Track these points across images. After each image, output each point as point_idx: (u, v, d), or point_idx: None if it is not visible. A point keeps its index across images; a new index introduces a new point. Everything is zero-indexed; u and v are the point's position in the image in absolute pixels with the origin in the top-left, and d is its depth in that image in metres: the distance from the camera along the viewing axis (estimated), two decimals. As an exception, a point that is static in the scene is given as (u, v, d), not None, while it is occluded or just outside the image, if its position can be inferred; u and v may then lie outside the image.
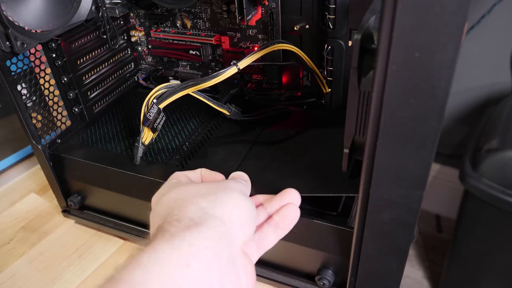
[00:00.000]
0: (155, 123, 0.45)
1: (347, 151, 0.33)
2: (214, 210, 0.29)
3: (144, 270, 0.23)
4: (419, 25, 0.21)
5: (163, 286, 0.23)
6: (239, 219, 0.30)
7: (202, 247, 0.25)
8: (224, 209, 0.29)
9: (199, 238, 0.26)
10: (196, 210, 0.29)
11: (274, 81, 0.55)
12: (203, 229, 0.27)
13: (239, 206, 0.31)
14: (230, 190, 0.32)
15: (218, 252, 0.26)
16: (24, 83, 0.47)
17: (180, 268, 0.24)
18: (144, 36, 0.61)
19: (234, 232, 0.29)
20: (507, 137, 0.76)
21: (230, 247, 0.28)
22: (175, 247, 0.25)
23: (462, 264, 0.90)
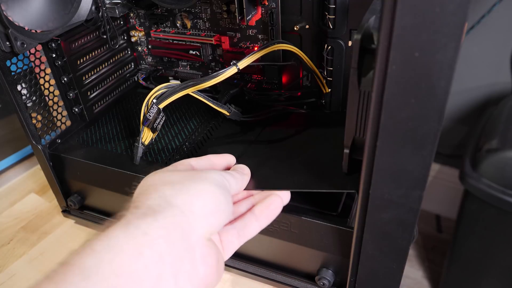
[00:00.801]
0: (155, 123, 0.45)
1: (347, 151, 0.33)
2: (176, 199, 0.29)
3: (96, 256, 0.23)
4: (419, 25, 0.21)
5: (114, 273, 0.23)
6: (203, 209, 0.29)
7: (156, 236, 0.25)
8: (187, 198, 0.29)
9: (154, 227, 0.26)
10: (157, 198, 0.29)
11: (274, 81, 0.55)
12: (159, 218, 0.27)
13: (205, 196, 0.30)
14: (202, 180, 0.31)
15: (173, 242, 0.26)
16: (24, 83, 0.47)
17: (132, 256, 0.24)
18: (144, 36, 0.61)
19: (195, 222, 0.28)
20: (507, 137, 0.76)
21: (188, 237, 0.27)
22: (129, 235, 0.25)
23: (462, 264, 0.90)
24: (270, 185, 0.39)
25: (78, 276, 0.22)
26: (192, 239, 0.28)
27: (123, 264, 0.23)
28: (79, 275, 0.22)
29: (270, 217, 0.36)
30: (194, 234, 0.28)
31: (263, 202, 0.36)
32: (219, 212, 0.31)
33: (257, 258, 0.46)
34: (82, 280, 0.22)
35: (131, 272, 0.23)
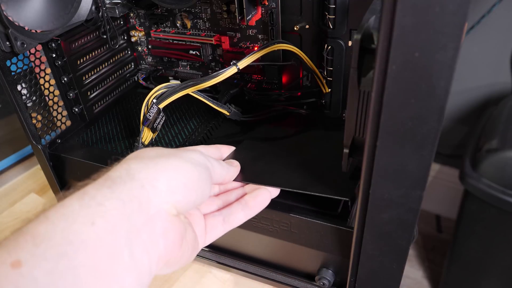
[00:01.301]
0: (155, 123, 0.45)
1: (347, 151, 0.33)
2: (139, 172, 0.28)
3: (49, 224, 0.23)
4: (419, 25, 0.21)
5: (66, 240, 0.23)
6: (167, 184, 0.29)
7: (110, 208, 0.25)
8: (151, 173, 0.29)
9: (109, 198, 0.26)
10: (121, 170, 0.28)
11: (274, 81, 0.55)
12: (115, 190, 0.26)
13: (173, 172, 0.30)
14: (176, 157, 0.31)
15: (128, 214, 0.26)
16: (24, 83, 0.47)
17: (84, 225, 0.24)
18: (144, 36, 0.61)
19: (156, 197, 0.28)
20: (507, 137, 0.76)
21: (147, 210, 0.27)
22: (83, 205, 0.25)
23: (462, 264, 0.90)
24: (265, 180, 0.39)
25: (30, 242, 0.22)
26: (152, 212, 0.27)
27: (75, 232, 0.23)
28: (31, 241, 0.22)
29: (257, 209, 0.37)
30: (154, 208, 0.27)
31: (251, 193, 0.38)
32: (187, 189, 0.30)
33: (257, 258, 0.46)
34: (33, 245, 0.22)
35: (83, 241, 0.23)
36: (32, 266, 0.21)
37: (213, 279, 0.48)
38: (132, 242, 0.25)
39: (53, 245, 0.22)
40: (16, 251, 0.22)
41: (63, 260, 0.22)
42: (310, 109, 0.53)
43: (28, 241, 0.22)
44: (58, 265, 0.22)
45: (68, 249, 0.22)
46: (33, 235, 0.23)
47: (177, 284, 0.48)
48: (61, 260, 0.22)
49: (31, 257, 0.21)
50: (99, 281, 0.23)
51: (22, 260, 0.21)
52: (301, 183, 0.39)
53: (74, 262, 0.22)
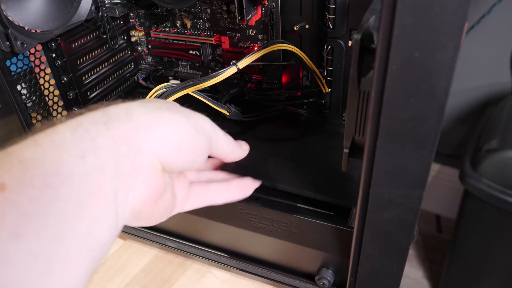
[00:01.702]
0: (155, 123, 0.45)
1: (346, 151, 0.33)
2: (139, 117, 0.27)
3: (38, 149, 0.22)
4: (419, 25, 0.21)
5: (54, 170, 0.22)
6: (162, 138, 0.28)
7: (102, 145, 0.24)
8: (151, 121, 0.27)
9: (103, 135, 0.24)
10: (122, 109, 0.27)
11: (274, 81, 0.55)
12: (111, 128, 0.25)
13: (172, 129, 0.28)
14: (182, 115, 0.30)
15: (116, 155, 0.25)
16: (24, 83, 0.47)
17: (75, 157, 0.23)
18: (144, 36, 0.61)
19: (146, 146, 0.27)
20: (507, 137, 0.76)
21: (134, 157, 0.26)
22: (76, 136, 0.24)
23: (462, 264, 0.90)
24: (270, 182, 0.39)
25: (16, 166, 0.21)
26: (139, 161, 0.26)
27: (65, 163, 0.22)
28: (18, 165, 0.21)
29: (241, 194, 0.37)
30: (142, 157, 0.26)
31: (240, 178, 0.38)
32: (180, 150, 0.29)
33: (257, 258, 0.46)
34: (20, 171, 0.21)
35: (71, 173, 0.22)
36: (17, 192, 0.20)
37: (213, 279, 0.48)
38: (117, 185, 0.24)
39: (40, 173, 0.21)
40: (2, 174, 0.20)
41: (48, 189, 0.21)
42: (310, 109, 0.53)
43: (15, 165, 0.21)
44: (43, 194, 0.21)
45: (55, 179, 0.21)
46: (20, 160, 0.21)
47: (177, 284, 0.48)
48: (46, 190, 0.21)
49: (17, 183, 0.20)
50: (80, 218, 0.22)
51: (6, 184, 0.20)
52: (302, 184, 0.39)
53: (59, 193, 0.21)
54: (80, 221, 0.22)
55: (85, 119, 0.25)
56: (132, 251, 0.53)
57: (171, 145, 0.28)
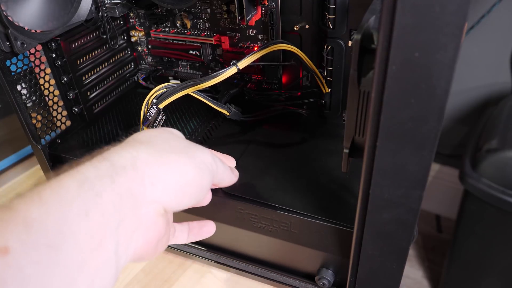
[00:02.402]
0: (154, 123, 0.45)
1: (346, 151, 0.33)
2: (145, 166, 0.27)
3: (43, 207, 0.22)
4: (419, 25, 0.21)
5: (57, 230, 0.22)
6: (167, 187, 0.28)
7: (108, 200, 0.25)
8: (156, 170, 0.28)
9: (108, 191, 0.25)
10: (128, 157, 0.27)
11: (274, 81, 0.55)
12: (117, 182, 0.26)
13: (176, 175, 0.29)
14: (186, 156, 0.30)
15: (121, 210, 0.25)
16: (24, 83, 0.47)
17: (79, 215, 0.23)
18: (144, 36, 0.61)
19: (152, 196, 0.27)
20: (507, 137, 0.76)
21: (138, 208, 0.27)
22: (81, 192, 0.24)
23: (462, 264, 0.90)
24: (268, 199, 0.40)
25: (21, 226, 0.21)
26: (142, 211, 0.27)
27: (68, 221, 0.22)
28: (22, 225, 0.21)
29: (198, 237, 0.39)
30: (145, 207, 0.27)
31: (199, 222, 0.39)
32: (185, 194, 0.30)
33: (257, 258, 0.46)
34: (24, 232, 0.21)
35: (74, 232, 0.22)
36: (20, 255, 0.20)
37: (213, 279, 0.48)
38: (119, 237, 0.25)
39: (44, 234, 0.21)
40: (5, 235, 0.21)
41: (52, 251, 0.21)
42: (310, 109, 0.53)
43: (19, 225, 0.21)
44: (46, 256, 0.21)
45: (59, 240, 0.22)
46: (25, 219, 0.21)
47: (177, 284, 0.48)
48: (50, 251, 0.21)
49: (21, 245, 0.20)
50: (82, 275, 0.22)
51: (10, 247, 0.20)
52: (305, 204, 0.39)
53: (61, 253, 0.22)
54: (82, 277, 0.22)
55: (92, 173, 0.25)
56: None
57: (176, 191, 0.29)
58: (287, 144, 0.49)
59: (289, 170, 0.44)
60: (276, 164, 0.45)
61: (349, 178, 0.42)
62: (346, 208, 0.39)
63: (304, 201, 0.40)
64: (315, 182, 0.42)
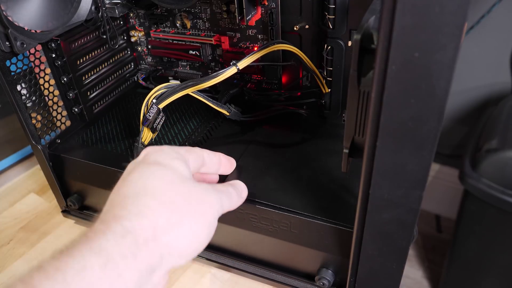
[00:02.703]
0: (154, 123, 0.45)
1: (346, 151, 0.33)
2: (164, 236, 0.28)
3: None
4: (419, 25, 0.21)
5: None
6: (185, 256, 0.30)
7: (129, 279, 0.26)
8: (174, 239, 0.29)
9: (130, 269, 0.26)
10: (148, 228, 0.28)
11: (274, 81, 0.55)
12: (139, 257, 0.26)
13: (194, 239, 0.30)
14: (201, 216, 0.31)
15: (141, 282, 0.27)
16: (24, 83, 0.47)
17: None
18: (144, 36, 0.61)
19: (168, 264, 0.29)
20: (507, 137, 0.76)
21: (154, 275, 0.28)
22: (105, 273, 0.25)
23: (462, 264, 0.90)
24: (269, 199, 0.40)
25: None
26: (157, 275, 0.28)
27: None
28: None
29: None
30: (161, 272, 0.28)
31: None
32: (195, 253, 0.31)
33: (257, 258, 0.46)
34: None
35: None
36: None
37: (213, 279, 0.48)
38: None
39: None
40: None
41: None
42: (310, 109, 0.53)
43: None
44: None
45: None
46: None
47: (177, 284, 0.48)
48: None
49: None
50: None
51: None
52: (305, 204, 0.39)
53: None
54: None
55: (115, 250, 0.26)
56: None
57: (189, 254, 0.30)
58: (287, 144, 0.49)
59: (289, 170, 0.44)
60: (276, 164, 0.45)
61: (349, 178, 0.42)
62: (346, 208, 0.39)
63: (304, 201, 0.40)
64: (315, 182, 0.42)
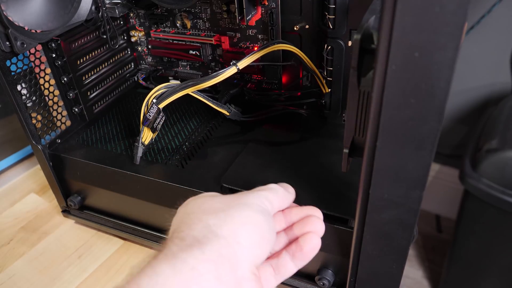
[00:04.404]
0: (154, 123, 0.45)
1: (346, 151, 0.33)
2: (221, 229, 0.28)
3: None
4: (419, 25, 0.21)
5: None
6: (249, 240, 0.28)
7: (204, 271, 0.25)
8: (232, 228, 0.28)
9: (202, 260, 0.25)
10: (202, 228, 0.28)
11: (274, 81, 0.55)
12: (206, 251, 0.26)
13: (250, 225, 0.29)
14: (244, 206, 0.30)
15: (221, 277, 0.25)
16: (24, 83, 0.47)
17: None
18: (144, 36, 0.61)
19: (241, 254, 0.27)
20: (507, 137, 0.76)
21: (235, 270, 0.27)
22: (176, 270, 0.24)
23: (462, 264, 0.90)
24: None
25: None
26: (239, 273, 0.27)
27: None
28: None
29: (307, 259, 0.34)
30: (240, 268, 0.27)
31: (298, 242, 0.33)
32: (263, 241, 0.29)
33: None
34: None
35: None
36: None
37: (213, 279, 0.48)
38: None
39: None
40: None
41: None
42: (310, 109, 0.53)
43: None
44: None
45: None
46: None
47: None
48: None
49: None
50: None
51: None
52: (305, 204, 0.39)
53: None
54: None
55: (178, 251, 0.26)
56: (132, 251, 0.53)
57: (258, 242, 0.29)
58: (287, 144, 0.49)
59: (289, 170, 0.44)
60: (276, 164, 0.45)
61: (349, 178, 0.42)
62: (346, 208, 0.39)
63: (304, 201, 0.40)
64: (315, 182, 0.42)
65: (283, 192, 0.34)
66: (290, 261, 0.33)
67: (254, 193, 0.32)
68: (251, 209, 0.30)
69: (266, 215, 0.31)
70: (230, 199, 0.31)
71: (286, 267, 0.33)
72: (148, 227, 0.51)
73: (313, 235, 0.33)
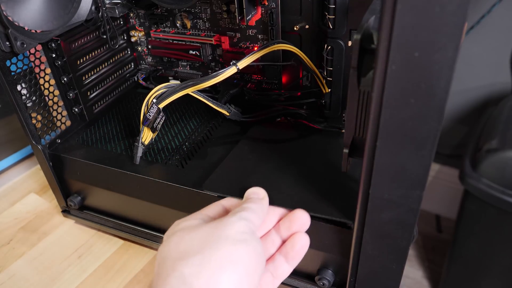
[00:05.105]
0: (154, 123, 0.45)
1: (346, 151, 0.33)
2: (198, 280, 0.26)
3: None
4: (419, 25, 0.21)
5: None
6: (230, 283, 0.27)
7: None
8: (209, 275, 0.26)
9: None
10: (176, 282, 0.26)
11: (274, 81, 0.55)
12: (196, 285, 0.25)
13: (230, 265, 0.27)
14: (223, 240, 0.28)
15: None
16: (24, 83, 0.47)
17: None
18: (144, 36, 0.61)
19: None
20: (507, 137, 0.76)
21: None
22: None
23: (462, 264, 0.90)
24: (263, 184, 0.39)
25: None
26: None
27: None
28: None
29: (298, 257, 0.34)
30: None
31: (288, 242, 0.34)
32: (249, 276, 0.28)
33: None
34: None
35: None
36: None
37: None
38: None
39: None
40: None
41: None
42: (310, 109, 0.53)
43: None
44: None
45: None
46: None
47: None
48: None
49: None
50: None
51: None
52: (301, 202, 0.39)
53: None
54: None
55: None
56: (132, 251, 0.53)
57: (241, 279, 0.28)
58: (286, 144, 0.49)
59: (289, 170, 0.44)
60: (276, 164, 0.45)
61: (349, 178, 0.42)
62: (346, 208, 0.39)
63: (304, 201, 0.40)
64: (315, 182, 0.42)
65: (259, 206, 0.34)
66: (284, 262, 0.34)
67: (233, 217, 0.31)
68: (231, 243, 0.29)
69: (249, 241, 0.29)
70: (208, 231, 0.30)
71: (282, 268, 0.34)
72: (148, 227, 0.51)
73: (300, 234, 0.35)
